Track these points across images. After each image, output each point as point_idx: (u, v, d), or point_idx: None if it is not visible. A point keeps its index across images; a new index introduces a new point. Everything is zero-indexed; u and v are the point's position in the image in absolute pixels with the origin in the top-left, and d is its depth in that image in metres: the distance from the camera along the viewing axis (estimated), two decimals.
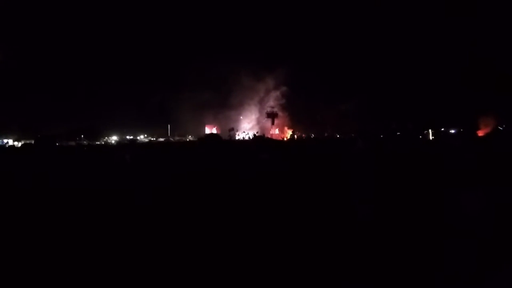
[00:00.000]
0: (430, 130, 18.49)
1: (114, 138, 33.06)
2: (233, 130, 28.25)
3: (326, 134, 31.80)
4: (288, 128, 36.83)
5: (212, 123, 38.74)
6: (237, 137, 30.96)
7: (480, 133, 23.06)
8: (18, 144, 21.09)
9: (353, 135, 20.74)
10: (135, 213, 2.13)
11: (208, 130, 37.85)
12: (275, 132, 35.57)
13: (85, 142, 26.69)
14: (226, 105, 36.90)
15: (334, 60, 38.20)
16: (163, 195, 2.40)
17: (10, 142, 25.85)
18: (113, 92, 36.83)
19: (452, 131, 26.96)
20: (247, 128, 36.21)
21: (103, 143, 24.80)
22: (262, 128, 36.35)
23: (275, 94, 38.45)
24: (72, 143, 18.08)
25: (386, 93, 34.33)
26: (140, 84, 37.89)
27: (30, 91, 33.40)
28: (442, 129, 26.97)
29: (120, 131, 34.09)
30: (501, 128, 20.02)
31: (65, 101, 35.31)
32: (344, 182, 2.61)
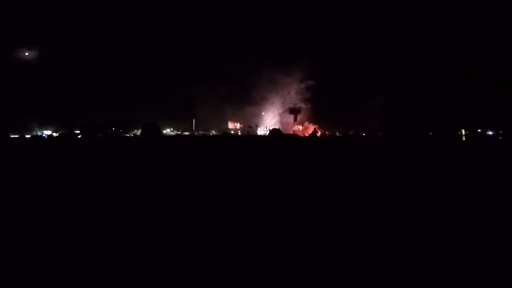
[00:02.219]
0: (463, 131, 17.28)
1: None
2: (251, 127, 28.34)
3: (351, 132, 30.90)
4: (309, 123, 36.17)
5: (234, 118, 39.17)
6: (258, 133, 31.06)
7: None
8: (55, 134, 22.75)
9: (380, 134, 19.93)
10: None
11: (230, 125, 38.36)
12: (298, 128, 35.14)
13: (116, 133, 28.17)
14: (248, 100, 37.08)
15: (361, 55, 36.82)
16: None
17: (49, 133, 27.94)
18: (142, 86, 38.45)
19: (490, 133, 25.13)
20: (269, 124, 36.15)
21: (132, 135, 26.05)
22: (284, 124, 36.04)
23: (298, 89, 37.94)
24: (101, 134, 19.06)
25: (417, 90, 32.63)
26: (167, 80, 39.12)
27: (66, 85, 35.76)
28: (479, 130, 25.22)
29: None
30: None
31: (98, 95, 37.40)
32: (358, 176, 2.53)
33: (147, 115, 36.83)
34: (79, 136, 2.65)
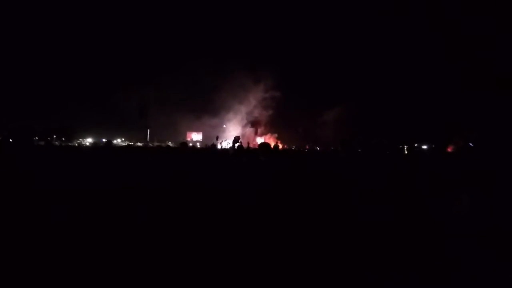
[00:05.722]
0: (405, 146, 19.38)
1: (89, 140, 31.55)
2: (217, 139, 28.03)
3: (307, 147, 32.26)
4: (270, 136, 36.96)
5: (193, 130, 38.15)
6: (218, 146, 30.54)
7: (449, 149, 24.45)
8: None
9: (332, 148, 21.06)
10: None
11: (189, 136, 37.24)
12: (257, 142, 35.52)
13: (56, 142, 25.21)
14: (208, 112, 36.66)
15: (320, 71, 39.30)
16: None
17: None
18: (89, 92, 35.46)
19: (424, 147, 28.39)
20: (230, 136, 35.91)
21: (76, 144, 23.54)
22: (244, 137, 36.14)
23: (259, 102, 38.72)
24: (42, 142, 16.96)
25: (366, 107, 35.66)
26: (119, 87, 36.79)
27: (6, 88, 31.40)
28: (416, 145, 28.35)
29: (96, 133, 32.69)
30: (471, 145, 21.43)
31: (38, 100, 33.46)
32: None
33: (94, 123, 33.90)
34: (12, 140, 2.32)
